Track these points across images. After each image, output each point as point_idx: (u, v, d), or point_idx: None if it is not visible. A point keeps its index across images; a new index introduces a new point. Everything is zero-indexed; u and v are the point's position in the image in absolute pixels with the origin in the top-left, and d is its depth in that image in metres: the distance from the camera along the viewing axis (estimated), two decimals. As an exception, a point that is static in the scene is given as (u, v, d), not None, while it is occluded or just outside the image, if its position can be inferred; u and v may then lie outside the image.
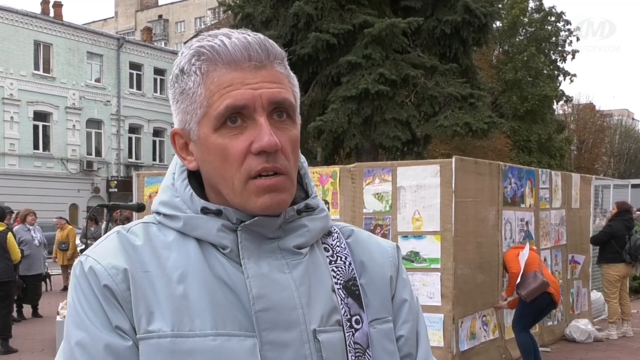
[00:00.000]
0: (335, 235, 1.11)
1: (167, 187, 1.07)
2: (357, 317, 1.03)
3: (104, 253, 0.99)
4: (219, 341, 0.94)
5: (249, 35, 1.00)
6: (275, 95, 0.98)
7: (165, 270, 0.97)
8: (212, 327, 0.95)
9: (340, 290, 1.04)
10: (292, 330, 0.97)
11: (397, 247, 1.16)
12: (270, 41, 1.01)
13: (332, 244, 1.09)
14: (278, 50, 1.02)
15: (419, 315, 1.11)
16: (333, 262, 1.07)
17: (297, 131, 1.02)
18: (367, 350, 1.02)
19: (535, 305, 6.54)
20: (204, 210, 1.01)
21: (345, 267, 1.07)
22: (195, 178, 1.06)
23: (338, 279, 1.05)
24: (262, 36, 1.01)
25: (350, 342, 1.01)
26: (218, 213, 1.00)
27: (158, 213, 1.05)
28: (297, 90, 1.05)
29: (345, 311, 1.03)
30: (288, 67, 1.04)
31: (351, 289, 1.05)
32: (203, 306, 0.95)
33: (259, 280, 0.97)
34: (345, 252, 1.09)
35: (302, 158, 1.09)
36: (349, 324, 1.02)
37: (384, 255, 1.12)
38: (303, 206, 1.04)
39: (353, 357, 1.01)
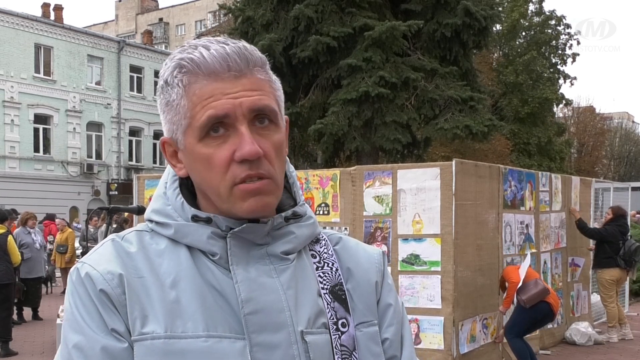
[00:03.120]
0: (323, 242, 1.14)
1: (159, 196, 1.10)
2: (344, 320, 1.07)
3: (100, 259, 1.02)
4: (211, 342, 0.97)
5: (227, 44, 1.01)
6: (256, 102, 1.00)
7: (158, 276, 1.01)
8: (204, 330, 0.98)
9: (326, 295, 1.07)
10: (280, 332, 1.00)
11: (383, 253, 1.20)
12: (250, 48, 1.03)
13: (319, 251, 1.13)
14: (258, 57, 1.04)
15: (403, 319, 1.15)
16: (320, 268, 1.10)
17: (280, 135, 1.04)
18: (354, 353, 1.06)
19: (534, 313, 6.53)
20: (195, 218, 1.04)
21: (332, 272, 1.10)
22: (186, 187, 1.10)
23: (324, 284, 1.09)
24: (241, 44, 1.03)
25: (336, 344, 1.05)
26: (208, 221, 1.03)
27: (151, 221, 1.09)
28: (279, 94, 1.06)
29: (331, 315, 1.06)
30: (270, 72, 1.06)
31: (337, 294, 1.08)
32: (194, 309, 0.99)
33: (247, 285, 1.00)
34: (333, 258, 1.13)
35: (291, 167, 1.13)
36: (335, 327, 1.06)
37: (369, 261, 1.15)
38: (291, 213, 1.08)
39: (340, 359, 1.04)
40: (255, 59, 1.03)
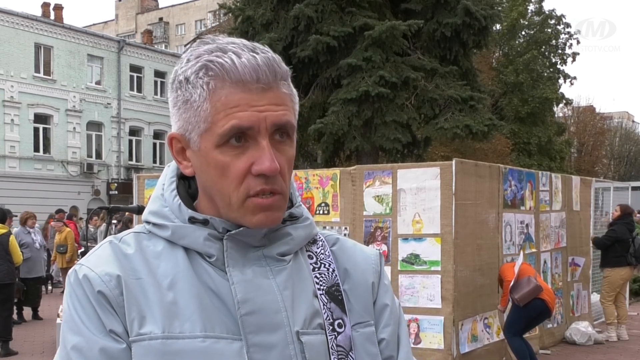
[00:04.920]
0: (320, 243, 1.15)
1: (156, 198, 1.10)
2: (340, 321, 1.07)
3: (98, 261, 1.03)
4: (208, 343, 0.98)
5: (257, 54, 1.00)
6: (280, 118, 1.00)
7: (155, 278, 1.01)
8: (202, 330, 0.98)
9: (322, 296, 1.08)
10: (277, 332, 1.01)
11: (380, 254, 1.20)
12: (277, 59, 1.02)
13: (316, 252, 1.13)
14: (284, 69, 1.03)
15: (400, 319, 1.15)
16: (317, 269, 1.11)
17: (294, 150, 1.05)
18: (350, 353, 1.06)
19: (528, 312, 6.52)
20: (192, 220, 1.04)
21: (328, 273, 1.11)
22: (184, 188, 1.10)
23: (321, 285, 1.09)
24: (270, 55, 1.01)
25: (332, 344, 1.05)
26: (205, 222, 1.03)
27: (148, 222, 1.09)
28: (297, 107, 1.07)
29: (327, 315, 1.06)
30: (291, 84, 1.06)
31: (334, 295, 1.09)
32: (192, 311, 0.99)
33: (244, 286, 1.01)
34: (329, 259, 1.13)
35: None
36: (331, 327, 1.06)
37: (366, 262, 1.16)
38: (287, 215, 1.08)
39: (336, 359, 1.04)
40: (282, 72, 1.02)
